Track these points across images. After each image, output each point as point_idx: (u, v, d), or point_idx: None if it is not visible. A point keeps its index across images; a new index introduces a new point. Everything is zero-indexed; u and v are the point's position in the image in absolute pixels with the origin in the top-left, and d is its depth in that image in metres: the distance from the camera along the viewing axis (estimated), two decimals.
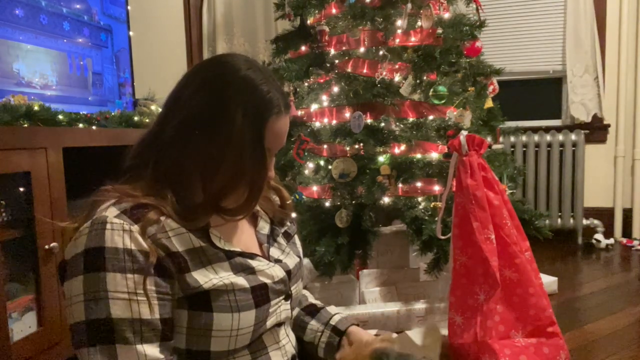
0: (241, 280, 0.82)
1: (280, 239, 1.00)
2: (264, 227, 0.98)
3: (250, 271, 0.84)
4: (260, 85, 0.81)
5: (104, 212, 0.76)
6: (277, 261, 0.93)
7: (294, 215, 1.08)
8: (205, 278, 0.78)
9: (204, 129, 0.80)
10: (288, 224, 1.04)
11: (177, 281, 0.77)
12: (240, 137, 0.79)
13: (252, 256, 0.88)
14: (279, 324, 0.91)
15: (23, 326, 1.57)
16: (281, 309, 0.90)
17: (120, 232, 0.74)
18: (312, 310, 1.07)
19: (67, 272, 0.75)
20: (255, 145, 0.81)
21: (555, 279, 2.51)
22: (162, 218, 0.79)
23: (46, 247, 1.60)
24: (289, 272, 0.93)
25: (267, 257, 0.93)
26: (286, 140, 0.92)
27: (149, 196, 0.80)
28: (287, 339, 0.94)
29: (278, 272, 0.89)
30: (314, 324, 1.04)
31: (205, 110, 0.80)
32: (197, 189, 0.84)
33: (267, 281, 0.86)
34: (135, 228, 0.75)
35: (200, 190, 0.83)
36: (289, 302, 0.93)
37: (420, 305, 1.99)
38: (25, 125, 1.63)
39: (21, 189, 1.59)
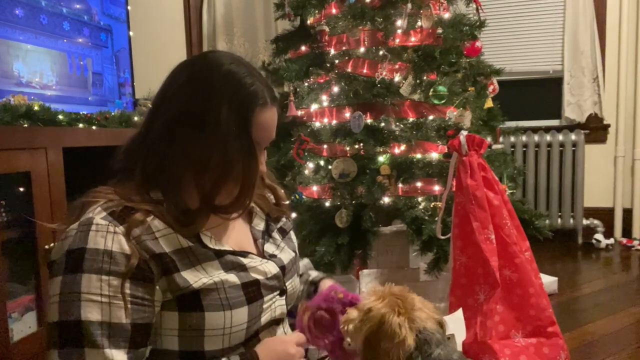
0: (232, 277, 0.81)
1: (276, 235, 0.99)
2: (259, 224, 0.98)
3: (241, 268, 0.84)
4: (244, 79, 0.81)
5: (91, 214, 0.76)
6: (272, 256, 0.93)
7: (293, 215, 1.08)
8: (194, 277, 0.78)
9: (190, 125, 0.80)
10: (283, 219, 1.04)
11: (165, 282, 0.76)
12: (227, 131, 0.79)
13: (244, 254, 0.87)
14: (276, 322, 0.91)
15: (23, 326, 1.57)
16: (276, 305, 0.90)
17: (103, 234, 0.73)
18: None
19: (51, 272, 0.75)
20: (242, 138, 0.81)
21: (555, 279, 2.51)
22: (149, 219, 0.78)
23: (46, 247, 1.60)
24: (283, 268, 0.93)
25: (262, 253, 0.93)
26: (286, 140, 0.93)
27: (138, 197, 0.80)
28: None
29: (271, 268, 0.89)
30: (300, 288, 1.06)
31: (190, 106, 0.81)
32: (190, 189, 0.83)
33: (259, 277, 0.85)
34: (120, 229, 0.74)
35: (194, 191, 0.83)
36: (284, 297, 0.92)
37: None
38: (25, 125, 1.63)
39: (21, 189, 1.59)
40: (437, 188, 1.99)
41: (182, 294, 0.77)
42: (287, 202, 1.06)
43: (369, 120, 2.04)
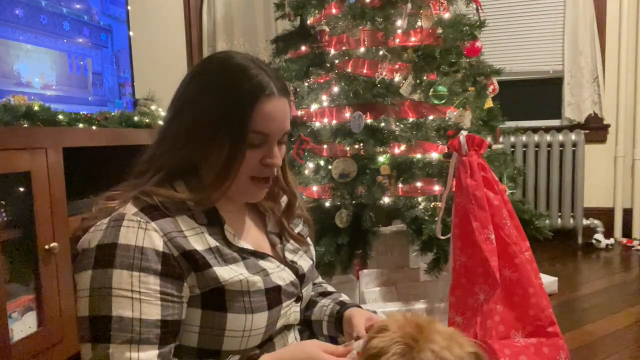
0: (258, 282, 0.82)
1: (293, 241, 0.99)
2: (274, 228, 0.98)
3: (264, 273, 0.85)
4: (249, 70, 0.83)
5: (122, 209, 0.77)
6: (292, 263, 0.93)
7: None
8: (225, 275, 0.79)
9: (192, 111, 0.83)
10: (300, 225, 1.04)
11: (195, 279, 0.77)
12: (225, 116, 0.81)
13: (264, 255, 0.88)
14: (287, 327, 0.92)
15: (23, 326, 1.57)
16: (291, 311, 0.90)
17: (135, 230, 0.74)
18: (325, 292, 1.07)
19: (78, 264, 0.76)
20: (237, 125, 0.81)
21: (555, 279, 2.51)
22: (178, 217, 0.79)
23: (46, 247, 1.60)
24: (302, 276, 0.93)
25: (283, 258, 0.93)
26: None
27: (164, 191, 0.81)
28: (296, 344, 0.94)
29: (288, 275, 0.89)
30: (324, 301, 1.03)
31: (197, 96, 0.83)
32: (206, 175, 0.85)
33: (281, 283, 0.86)
34: (152, 226, 0.75)
35: (210, 174, 0.84)
36: (299, 304, 0.93)
37: (420, 305, 1.99)
38: (25, 125, 1.63)
39: (21, 189, 1.59)
40: (437, 188, 1.99)
41: (209, 289, 0.78)
42: (305, 208, 1.05)
43: (369, 120, 2.04)
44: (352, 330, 0.90)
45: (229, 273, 0.79)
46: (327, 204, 2.05)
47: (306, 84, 2.24)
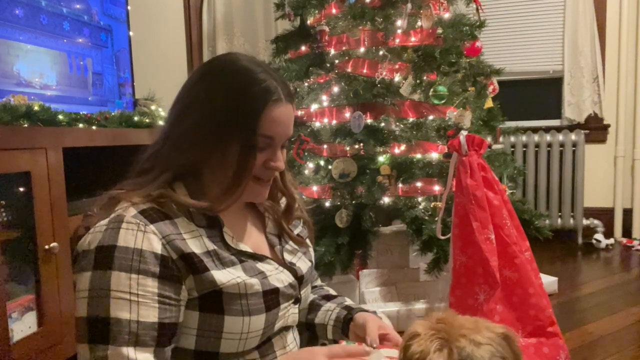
0: (256, 284, 0.82)
1: (292, 243, 0.99)
2: (273, 229, 0.98)
3: (262, 276, 0.85)
4: (257, 74, 0.83)
5: (122, 211, 0.77)
6: (291, 264, 0.93)
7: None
8: (222, 278, 0.79)
9: (199, 113, 0.82)
10: (300, 227, 1.03)
11: (192, 281, 0.77)
12: (235, 123, 0.80)
13: (262, 257, 0.88)
14: (286, 329, 0.92)
15: (23, 326, 1.57)
16: (289, 313, 0.90)
17: (134, 232, 0.74)
18: (328, 296, 1.07)
19: (77, 265, 0.76)
20: (248, 130, 0.81)
21: (555, 279, 2.51)
22: (177, 219, 0.80)
23: (46, 247, 1.60)
24: (301, 277, 0.93)
25: (282, 260, 0.93)
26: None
27: (166, 193, 0.81)
28: (295, 344, 0.94)
29: (286, 277, 0.89)
30: (328, 305, 1.03)
31: (203, 98, 0.83)
32: (208, 177, 0.85)
33: (279, 285, 0.86)
34: (150, 228, 0.75)
35: (212, 177, 0.85)
36: (297, 306, 0.93)
37: (420, 305, 1.99)
38: (25, 125, 1.62)
39: (21, 189, 1.59)
40: (437, 188, 1.99)
41: (207, 292, 0.78)
42: (305, 210, 1.04)
43: (369, 120, 2.04)
44: (365, 335, 0.90)
45: (226, 276, 0.79)
46: (327, 204, 2.05)
47: (306, 84, 2.24)
